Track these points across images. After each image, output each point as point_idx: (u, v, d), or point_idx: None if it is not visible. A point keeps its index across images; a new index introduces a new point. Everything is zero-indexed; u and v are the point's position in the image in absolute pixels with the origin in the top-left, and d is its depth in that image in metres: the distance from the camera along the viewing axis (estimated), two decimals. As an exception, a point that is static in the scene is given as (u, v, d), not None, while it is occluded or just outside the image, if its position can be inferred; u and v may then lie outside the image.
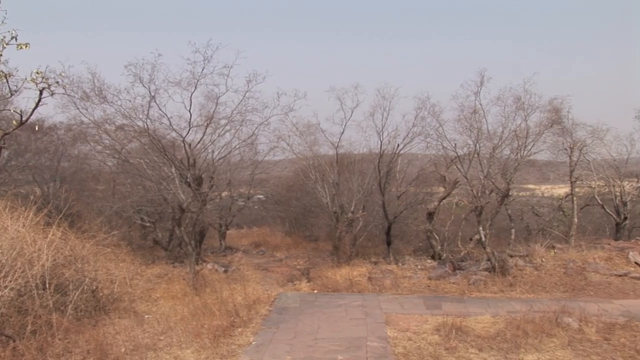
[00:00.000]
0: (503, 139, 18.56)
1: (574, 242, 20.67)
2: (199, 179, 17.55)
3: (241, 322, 11.62)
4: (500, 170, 18.52)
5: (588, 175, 26.00)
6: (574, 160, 22.71)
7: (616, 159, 26.75)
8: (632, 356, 9.67)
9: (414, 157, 26.14)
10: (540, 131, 18.85)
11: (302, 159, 24.34)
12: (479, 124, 18.60)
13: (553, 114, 19.49)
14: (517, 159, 18.49)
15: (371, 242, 25.67)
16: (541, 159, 24.70)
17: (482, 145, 18.73)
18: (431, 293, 15.34)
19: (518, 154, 18.50)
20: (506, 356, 9.65)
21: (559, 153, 23.86)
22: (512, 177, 18.54)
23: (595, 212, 29.30)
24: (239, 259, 21.46)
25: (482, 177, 18.37)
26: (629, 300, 14.40)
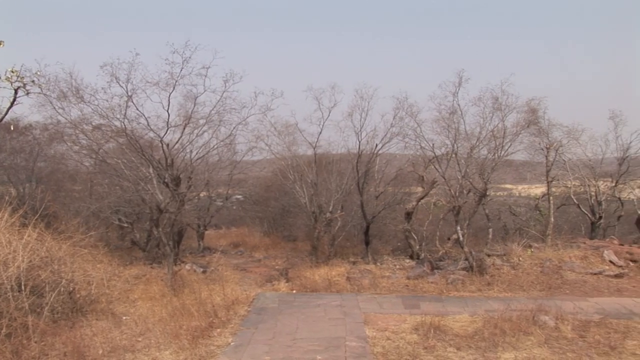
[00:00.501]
0: (481, 139, 18.67)
1: (551, 241, 20.85)
2: (177, 179, 17.46)
3: (220, 322, 11.60)
4: (477, 170, 18.64)
5: (564, 175, 26.27)
6: (550, 160, 22.91)
7: (591, 159, 27.05)
8: (606, 352, 9.82)
9: (392, 157, 26.22)
10: (517, 131, 18.99)
11: (280, 159, 24.33)
12: (457, 124, 18.69)
13: (530, 115, 19.65)
14: (494, 159, 18.61)
15: (349, 242, 25.71)
16: (518, 159, 24.90)
17: (460, 146, 18.83)
18: (410, 293, 15.39)
19: (495, 154, 18.62)
20: (484, 355, 9.73)
21: (536, 153, 24.06)
22: (490, 177, 18.67)
23: (571, 212, 29.60)
24: (217, 259, 21.39)
25: (460, 177, 18.46)
26: (604, 298, 14.59)
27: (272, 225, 32.72)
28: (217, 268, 18.97)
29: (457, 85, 18.48)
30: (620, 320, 11.95)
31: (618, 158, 26.90)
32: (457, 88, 18.50)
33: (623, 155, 26.65)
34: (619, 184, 27.09)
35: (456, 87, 18.50)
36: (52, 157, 23.06)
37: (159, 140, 16.83)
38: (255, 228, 33.72)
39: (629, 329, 11.35)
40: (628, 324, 11.67)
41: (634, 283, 16.28)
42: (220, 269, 18.79)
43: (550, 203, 23.23)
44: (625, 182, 27.68)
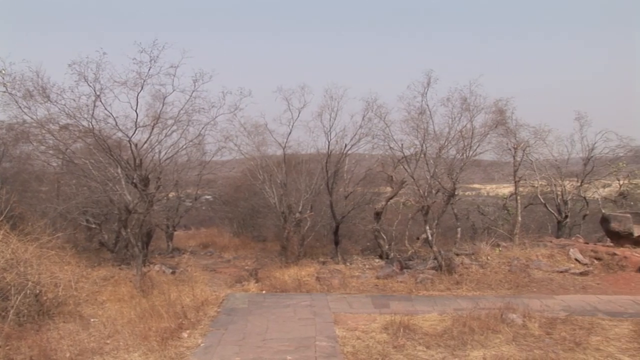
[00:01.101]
0: (449, 140, 18.82)
1: (518, 240, 21.07)
2: (146, 180, 17.34)
3: (189, 324, 11.55)
4: (446, 170, 18.79)
5: (531, 175, 26.59)
6: (517, 160, 23.16)
7: (558, 159, 27.46)
8: (571, 349, 9.99)
9: (362, 157, 26.32)
10: (485, 132, 19.19)
11: (249, 159, 24.30)
12: (426, 125, 18.82)
13: (498, 115, 19.87)
14: (462, 159, 18.78)
15: (319, 242, 25.76)
16: (486, 159, 25.16)
17: (429, 146, 18.96)
18: (379, 292, 15.46)
19: (464, 154, 18.78)
20: (453, 353, 9.82)
21: (504, 153, 24.32)
22: (458, 177, 18.84)
23: (538, 211, 29.97)
24: (186, 260, 21.28)
25: (429, 177, 18.59)
26: (570, 295, 14.83)
27: (241, 225, 32.66)
28: (186, 269, 18.86)
29: (426, 86, 18.61)
30: (585, 317, 12.16)
31: (583, 158, 27.32)
32: (425, 88, 18.63)
33: (588, 156, 27.07)
34: (584, 184, 27.51)
35: (425, 88, 18.63)
36: (18, 157, 22.74)
37: (127, 140, 16.68)
38: (225, 228, 33.63)
39: (593, 325, 11.55)
40: (592, 321, 11.88)
41: (598, 280, 16.55)
42: (190, 269, 18.67)
43: (517, 202, 23.48)
44: (590, 182, 28.10)
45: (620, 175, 28.29)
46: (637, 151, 27.61)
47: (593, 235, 27.33)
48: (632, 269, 17.47)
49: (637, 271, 17.25)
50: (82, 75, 15.52)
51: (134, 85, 16.07)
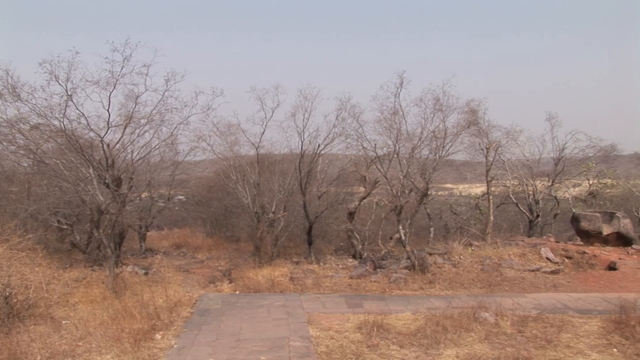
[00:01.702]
0: (422, 140, 18.94)
1: (490, 239, 21.25)
2: (118, 180, 17.21)
3: (162, 325, 11.48)
4: (419, 170, 18.90)
5: (503, 174, 26.89)
6: (489, 160, 23.35)
7: (529, 159, 27.80)
8: (542, 346, 10.14)
9: (335, 157, 26.38)
10: (458, 132, 19.33)
11: (222, 159, 24.22)
12: (399, 125, 18.90)
13: (470, 116, 20.02)
14: (435, 159, 18.90)
15: (292, 242, 25.75)
16: (459, 159, 25.34)
17: (402, 146, 19.06)
18: (353, 292, 15.50)
19: (436, 154, 18.92)
20: (426, 352, 9.88)
21: (476, 153, 24.53)
22: (431, 177, 18.95)
23: (510, 210, 30.29)
24: (159, 261, 21.17)
25: (402, 177, 18.68)
26: (541, 293, 15.01)
27: (214, 225, 32.53)
28: (159, 270, 18.77)
29: (399, 86, 18.71)
30: (556, 315, 12.33)
31: (554, 158, 27.69)
32: (398, 89, 18.73)
33: (559, 156, 27.44)
34: (555, 183, 27.88)
35: (398, 88, 18.73)
36: (-13, 157, 22.40)
37: (99, 140, 16.54)
38: (198, 229, 33.49)
39: (564, 322, 11.72)
40: (563, 318, 12.05)
41: (568, 279, 16.78)
42: (163, 270, 18.59)
43: (490, 202, 23.68)
44: (561, 182, 28.51)
45: (590, 175, 28.74)
46: (606, 151, 28.03)
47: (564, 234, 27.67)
48: (601, 267, 17.76)
49: (606, 269, 17.53)
50: (53, 74, 15.34)
51: (106, 85, 15.94)
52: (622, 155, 30.52)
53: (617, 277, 16.62)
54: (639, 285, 15.70)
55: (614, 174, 30.14)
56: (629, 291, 14.89)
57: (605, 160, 28.79)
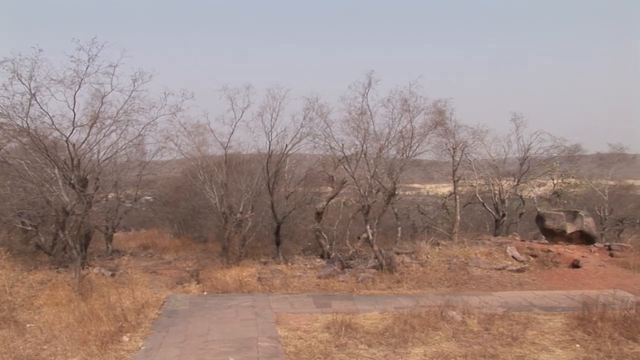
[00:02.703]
0: (389, 140, 19.03)
1: (457, 238, 21.46)
2: (84, 181, 17.01)
3: (130, 326, 11.39)
4: (386, 170, 18.98)
5: (470, 174, 27.16)
6: (456, 160, 23.59)
7: (495, 159, 28.14)
8: (509, 343, 10.28)
9: (302, 157, 26.44)
10: (425, 132, 19.46)
11: (190, 159, 24.12)
12: (367, 125, 18.98)
13: (437, 116, 20.17)
14: (402, 159, 19.00)
15: (260, 243, 25.73)
16: (426, 159, 25.51)
17: (369, 146, 19.13)
18: (321, 292, 15.52)
19: (404, 154, 19.02)
20: (394, 350, 9.95)
21: (443, 153, 24.76)
22: (398, 177, 19.05)
23: (476, 210, 30.64)
24: (126, 262, 21.01)
25: (369, 177, 18.75)
26: (507, 292, 15.21)
27: (182, 226, 32.37)
28: (126, 271, 18.61)
29: (367, 87, 18.79)
30: (522, 313, 12.51)
31: (519, 158, 28.05)
32: (366, 89, 18.81)
33: (524, 156, 27.80)
34: (520, 183, 28.25)
35: (366, 89, 18.81)
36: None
37: (64, 140, 16.30)
38: (165, 229, 33.30)
39: (530, 320, 11.90)
40: (529, 316, 12.24)
41: (534, 277, 17.02)
42: (130, 271, 18.44)
43: (456, 202, 23.93)
44: (526, 181, 28.89)
45: (555, 175, 29.19)
46: (570, 151, 28.48)
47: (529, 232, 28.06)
48: (565, 265, 18.08)
49: (570, 267, 17.86)
50: (15, 72, 15.11)
51: (72, 84, 15.72)
52: (585, 156, 31.02)
53: (581, 275, 16.92)
54: (601, 282, 16.00)
55: (578, 174, 30.68)
56: (592, 288, 15.19)
57: (569, 160, 29.26)
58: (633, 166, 34.26)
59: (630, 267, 17.68)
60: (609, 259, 18.91)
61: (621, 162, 31.95)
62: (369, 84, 18.73)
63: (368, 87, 18.74)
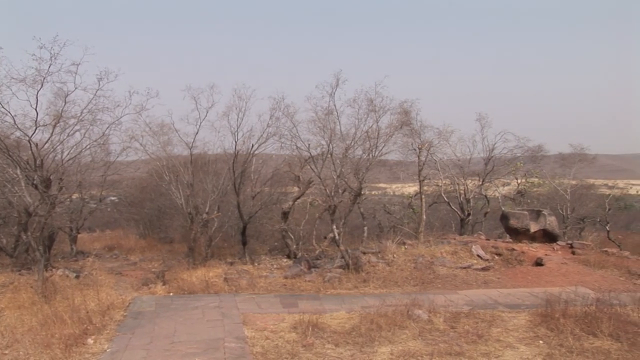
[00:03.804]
0: (356, 140, 19.09)
1: (423, 238, 21.62)
2: (47, 181, 16.79)
3: (95, 329, 11.27)
4: (352, 170, 19.04)
5: (435, 174, 27.40)
6: (422, 160, 23.78)
7: (460, 159, 28.43)
8: (474, 341, 10.40)
9: (269, 157, 26.43)
10: (391, 132, 19.56)
11: (155, 159, 23.92)
12: (333, 125, 19.03)
13: (403, 116, 20.30)
14: (369, 159, 19.08)
15: (227, 243, 25.68)
16: (392, 159, 25.70)
17: (336, 146, 19.19)
18: (287, 292, 15.51)
19: (370, 154, 19.10)
20: (361, 350, 9.99)
21: (409, 153, 24.94)
22: (365, 177, 19.12)
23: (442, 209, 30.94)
24: (91, 263, 20.80)
25: (335, 177, 18.81)
26: (472, 290, 15.36)
27: (147, 227, 32.15)
28: (91, 272, 18.43)
29: (334, 87, 18.84)
30: (487, 311, 12.66)
31: (484, 158, 28.40)
32: (333, 89, 18.86)
33: (489, 155, 28.16)
34: (485, 183, 28.59)
35: (333, 89, 18.86)
36: None
37: (27, 140, 16.08)
38: (131, 230, 33.05)
39: (494, 318, 12.06)
40: (493, 314, 12.40)
41: (498, 275, 17.22)
42: (95, 273, 18.26)
43: (422, 201, 24.10)
44: (491, 181, 29.27)
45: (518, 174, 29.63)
46: (533, 151, 28.93)
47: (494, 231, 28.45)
48: (529, 263, 18.36)
49: (534, 265, 18.14)
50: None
51: (33, 83, 15.49)
52: (548, 156, 31.62)
53: (544, 273, 17.18)
54: (563, 280, 16.27)
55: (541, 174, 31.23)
56: (554, 285, 15.43)
57: (533, 160, 29.75)
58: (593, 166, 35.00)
59: (591, 265, 18.06)
60: (571, 256, 19.26)
61: (582, 162, 32.56)
62: (336, 84, 18.80)
63: (335, 86, 18.82)
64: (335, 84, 18.79)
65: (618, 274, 17.33)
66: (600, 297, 12.47)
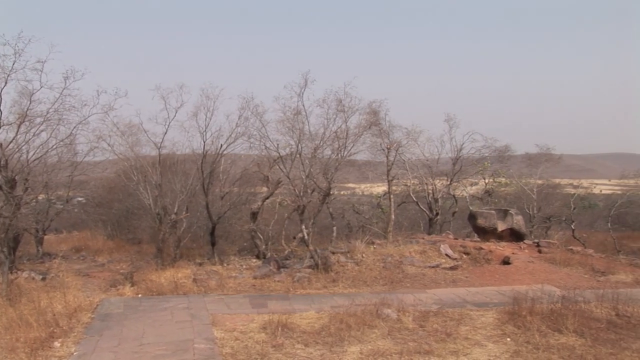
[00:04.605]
0: (324, 140, 19.15)
1: (392, 237, 21.74)
2: (12, 182, 16.56)
3: (61, 332, 11.14)
4: (321, 170, 19.09)
5: (404, 174, 27.58)
6: (390, 160, 23.92)
7: (429, 159, 28.65)
8: (443, 339, 10.53)
9: (238, 157, 26.38)
10: (360, 132, 19.66)
11: (123, 159, 23.69)
12: (302, 125, 19.05)
13: (371, 116, 20.40)
14: (337, 159, 19.15)
15: (196, 244, 25.56)
16: (361, 159, 25.77)
17: (304, 146, 19.22)
18: (257, 292, 15.50)
19: (339, 154, 19.17)
20: (331, 349, 10.02)
21: (377, 153, 25.08)
22: (333, 177, 19.19)
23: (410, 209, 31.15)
24: (58, 265, 20.56)
25: (304, 177, 18.83)
26: (441, 289, 15.52)
27: (115, 228, 31.83)
28: (57, 274, 18.21)
29: (303, 87, 18.88)
30: (455, 309, 12.82)
31: (452, 158, 28.65)
32: (302, 89, 18.89)
33: (457, 156, 28.42)
34: (453, 182, 28.84)
35: (301, 89, 18.89)
36: None
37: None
38: (99, 231, 32.66)
39: (463, 316, 12.20)
40: (462, 312, 12.55)
41: (467, 274, 17.41)
42: (61, 275, 18.04)
43: (391, 201, 24.23)
44: (459, 181, 29.54)
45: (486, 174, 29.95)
46: (500, 151, 29.26)
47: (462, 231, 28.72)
48: (496, 262, 18.58)
49: (501, 263, 18.35)
50: None
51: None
52: (515, 156, 32.02)
53: (511, 271, 17.42)
54: (530, 278, 16.53)
55: (508, 173, 31.60)
56: (521, 284, 15.67)
57: (500, 160, 30.09)
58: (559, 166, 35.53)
59: (556, 263, 18.38)
60: (538, 255, 19.55)
61: (548, 162, 32.99)
62: (304, 84, 18.83)
63: (304, 87, 18.86)
64: (304, 84, 18.84)
65: (582, 272, 17.68)
66: (565, 294, 12.68)
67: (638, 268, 18.53)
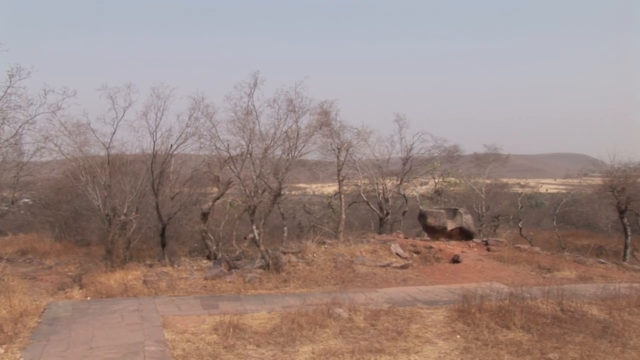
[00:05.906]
0: (275, 140, 19.16)
1: (343, 237, 21.85)
2: (-45, 183, 16.17)
3: (6, 337, 10.90)
4: (272, 170, 19.10)
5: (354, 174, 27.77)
6: (341, 160, 24.06)
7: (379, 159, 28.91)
8: (394, 338, 10.61)
9: (188, 157, 26.23)
10: (311, 132, 19.73)
11: (71, 160, 23.36)
12: (252, 125, 19.02)
13: (322, 117, 20.49)
14: (288, 159, 19.18)
15: (146, 245, 25.30)
16: (311, 159, 25.88)
17: (255, 146, 19.18)
18: (208, 293, 15.41)
19: (289, 154, 19.20)
20: (283, 349, 10.03)
21: (328, 153, 25.20)
22: (284, 177, 19.21)
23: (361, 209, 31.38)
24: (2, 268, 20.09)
25: (255, 177, 18.80)
26: (392, 288, 15.65)
27: (63, 229, 31.30)
28: (2, 278, 17.81)
29: (253, 87, 18.88)
30: (406, 308, 12.91)
31: (402, 158, 28.96)
32: (252, 89, 18.90)
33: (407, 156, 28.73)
34: (403, 182, 29.15)
35: (252, 89, 18.89)
36: None
37: None
38: (46, 233, 32.06)
39: (413, 314, 12.32)
40: (412, 310, 12.66)
41: (417, 273, 17.60)
42: (6, 279, 17.63)
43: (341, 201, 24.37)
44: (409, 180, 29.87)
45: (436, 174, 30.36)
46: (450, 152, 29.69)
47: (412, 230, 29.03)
48: (446, 261, 18.85)
49: (451, 262, 18.64)
50: None
51: None
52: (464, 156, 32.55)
53: (461, 269, 17.69)
54: (479, 276, 16.81)
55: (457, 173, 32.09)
56: (471, 281, 15.93)
57: (449, 160, 30.55)
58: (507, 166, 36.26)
59: (504, 261, 18.74)
60: (486, 253, 19.89)
61: (496, 161, 33.62)
62: (254, 84, 18.83)
63: (254, 87, 18.86)
64: (254, 84, 18.86)
65: (529, 269, 18.06)
66: (513, 291, 12.92)
67: (582, 264, 19.01)
